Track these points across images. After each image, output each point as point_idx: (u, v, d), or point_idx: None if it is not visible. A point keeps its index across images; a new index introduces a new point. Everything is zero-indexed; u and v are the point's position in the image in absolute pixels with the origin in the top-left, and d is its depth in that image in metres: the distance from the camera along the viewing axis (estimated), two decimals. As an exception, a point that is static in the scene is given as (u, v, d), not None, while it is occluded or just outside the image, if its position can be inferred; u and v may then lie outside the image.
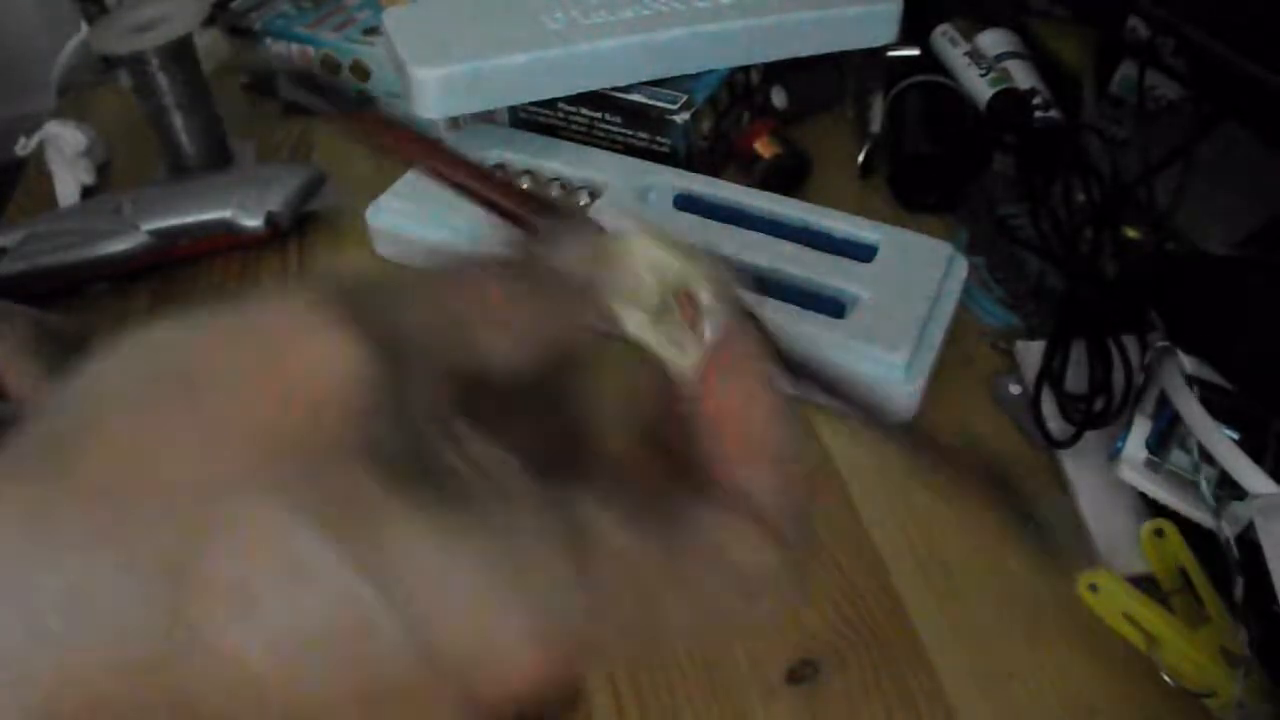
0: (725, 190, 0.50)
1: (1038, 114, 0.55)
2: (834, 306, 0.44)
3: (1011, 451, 0.41)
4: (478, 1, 0.54)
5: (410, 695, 0.15)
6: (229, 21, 0.67)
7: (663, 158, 0.53)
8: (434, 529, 0.15)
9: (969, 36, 0.58)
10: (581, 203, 0.50)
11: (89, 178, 0.58)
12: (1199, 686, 0.32)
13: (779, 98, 0.58)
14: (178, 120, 0.56)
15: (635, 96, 0.53)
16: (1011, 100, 0.54)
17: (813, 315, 0.43)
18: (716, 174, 0.54)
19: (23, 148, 0.60)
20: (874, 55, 0.57)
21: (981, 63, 0.56)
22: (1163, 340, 0.38)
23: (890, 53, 0.58)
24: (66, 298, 0.50)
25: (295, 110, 0.67)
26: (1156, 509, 0.36)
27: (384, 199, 0.51)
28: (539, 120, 0.56)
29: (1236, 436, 0.34)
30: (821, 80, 0.60)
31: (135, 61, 0.54)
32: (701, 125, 0.53)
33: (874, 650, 0.35)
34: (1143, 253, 0.47)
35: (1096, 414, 0.39)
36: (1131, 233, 0.48)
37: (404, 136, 0.23)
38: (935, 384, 0.43)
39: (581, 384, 0.23)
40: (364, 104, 0.24)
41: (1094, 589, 0.33)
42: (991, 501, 0.23)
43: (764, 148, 0.55)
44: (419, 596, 0.15)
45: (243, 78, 0.69)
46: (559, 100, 0.54)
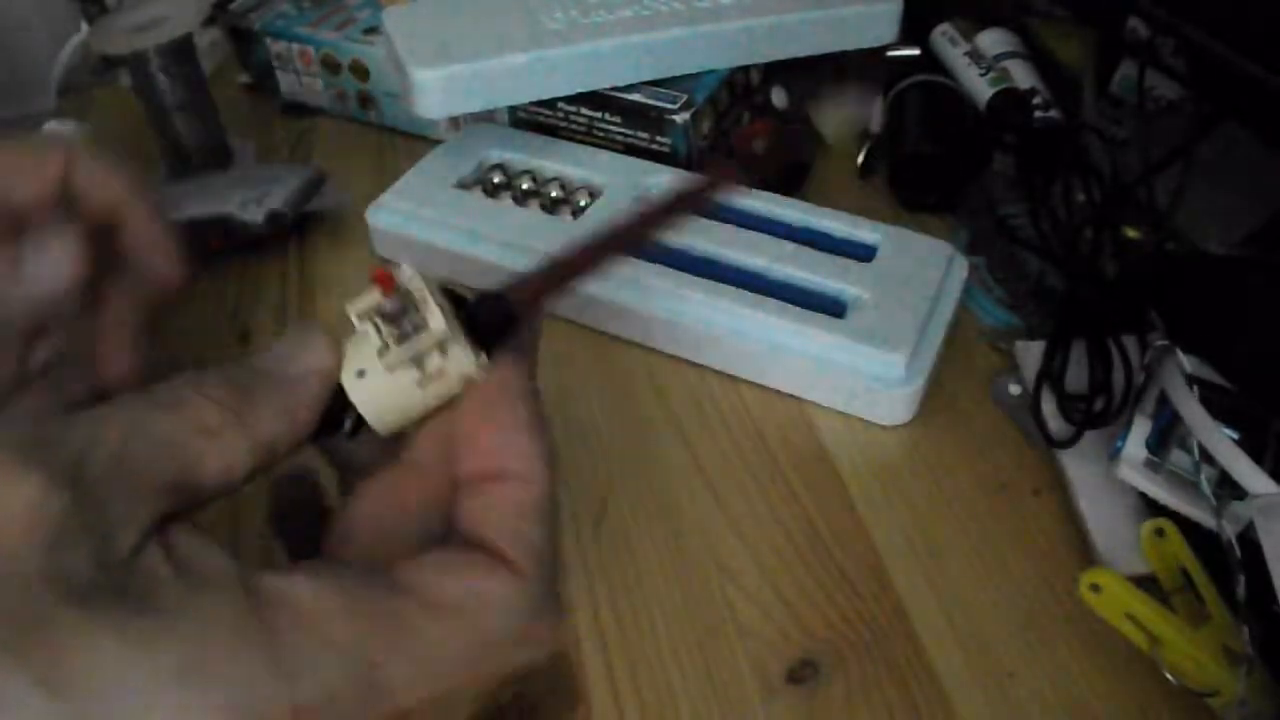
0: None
1: (1038, 114, 0.55)
2: (834, 306, 0.44)
3: (1012, 451, 0.41)
4: (478, 1, 0.54)
5: None
6: (229, 21, 0.67)
7: (663, 158, 0.53)
8: (121, 641, 0.16)
9: (969, 36, 0.58)
10: (581, 203, 0.50)
11: (89, 178, 0.58)
12: (1201, 686, 0.32)
13: (779, 98, 0.58)
14: (178, 120, 0.56)
15: (635, 96, 0.53)
16: (1011, 100, 0.54)
17: (813, 315, 0.43)
18: (716, 174, 0.54)
19: (23, 148, 0.60)
20: (874, 55, 0.57)
21: (981, 63, 0.56)
22: (1163, 340, 0.38)
23: (890, 53, 0.58)
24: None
25: (295, 110, 0.67)
26: (1156, 509, 0.36)
27: (384, 199, 0.51)
28: (539, 120, 0.56)
29: (1236, 436, 0.34)
30: (821, 80, 0.60)
31: (135, 61, 0.54)
32: (701, 125, 0.53)
33: (874, 650, 0.35)
34: (1143, 253, 0.47)
35: (1096, 414, 0.39)
36: (1131, 233, 0.48)
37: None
38: (935, 384, 0.43)
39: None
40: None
41: (1095, 589, 0.33)
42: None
43: (764, 148, 0.55)
44: (112, 708, 0.16)
45: (243, 78, 0.69)
46: (559, 100, 0.54)
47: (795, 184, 0.54)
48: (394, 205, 0.51)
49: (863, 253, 0.46)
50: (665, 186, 0.23)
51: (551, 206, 0.51)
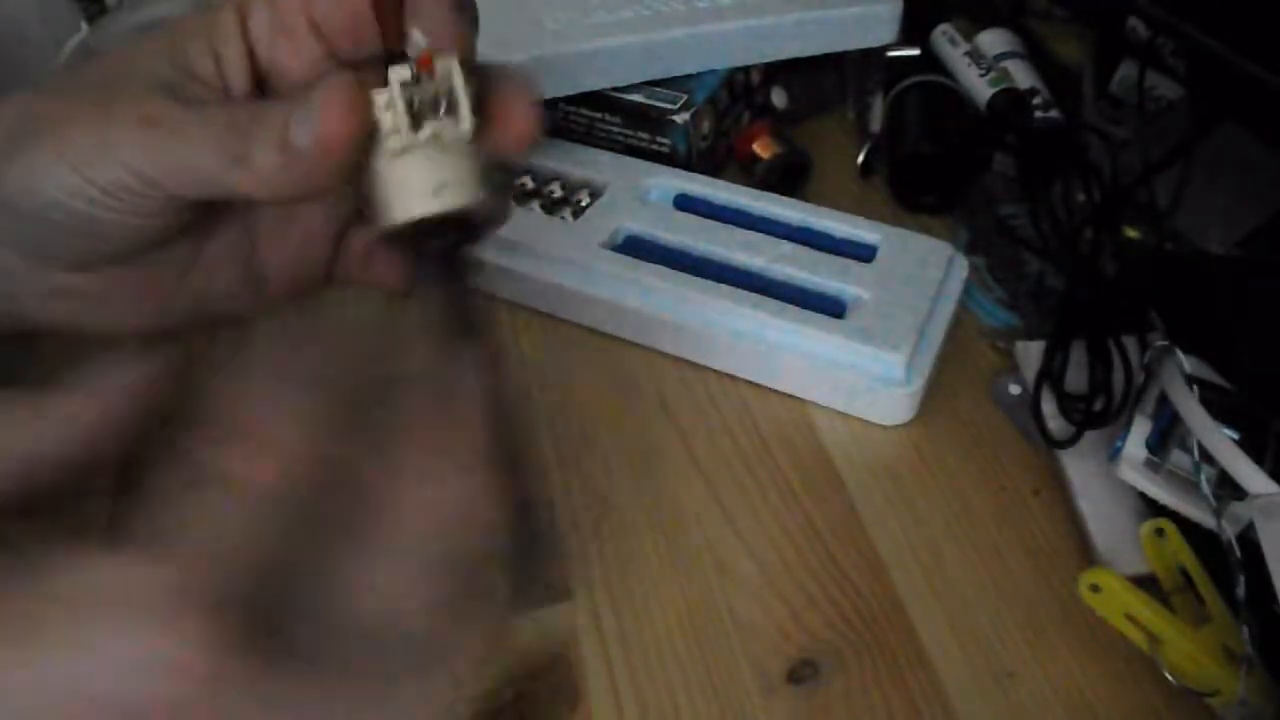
0: (725, 190, 0.50)
1: (1038, 114, 0.55)
2: (834, 306, 0.44)
3: (1012, 451, 0.41)
4: (477, 1, 0.54)
5: None
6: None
7: (663, 158, 0.53)
8: None
9: (969, 36, 0.58)
10: (582, 203, 0.50)
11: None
12: (1201, 685, 0.32)
13: (779, 98, 0.58)
14: (177, 120, 0.56)
15: (635, 96, 0.53)
16: (1011, 100, 0.54)
17: (813, 315, 0.43)
18: (716, 174, 0.54)
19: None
20: (874, 55, 0.57)
21: (981, 63, 0.56)
22: (1163, 340, 0.38)
23: (890, 53, 0.58)
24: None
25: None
26: (1156, 509, 0.36)
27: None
28: (539, 120, 0.56)
29: (1236, 436, 0.34)
30: (821, 80, 0.60)
31: (135, 61, 0.54)
32: (701, 125, 0.53)
33: (874, 650, 0.35)
34: (1143, 253, 0.47)
35: (1096, 414, 0.39)
36: (1131, 233, 0.48)
37: None
38: (935, 384, 0.43)
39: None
40: None
41: (1095, 589, 0.33)
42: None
43: (764, 148, 0.55)
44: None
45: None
46: (559, 100, 0.54)
47: (795, 184, 0.54)
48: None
49: (863, 253, 0.46)
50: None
51: (552, 207, 0.51)
